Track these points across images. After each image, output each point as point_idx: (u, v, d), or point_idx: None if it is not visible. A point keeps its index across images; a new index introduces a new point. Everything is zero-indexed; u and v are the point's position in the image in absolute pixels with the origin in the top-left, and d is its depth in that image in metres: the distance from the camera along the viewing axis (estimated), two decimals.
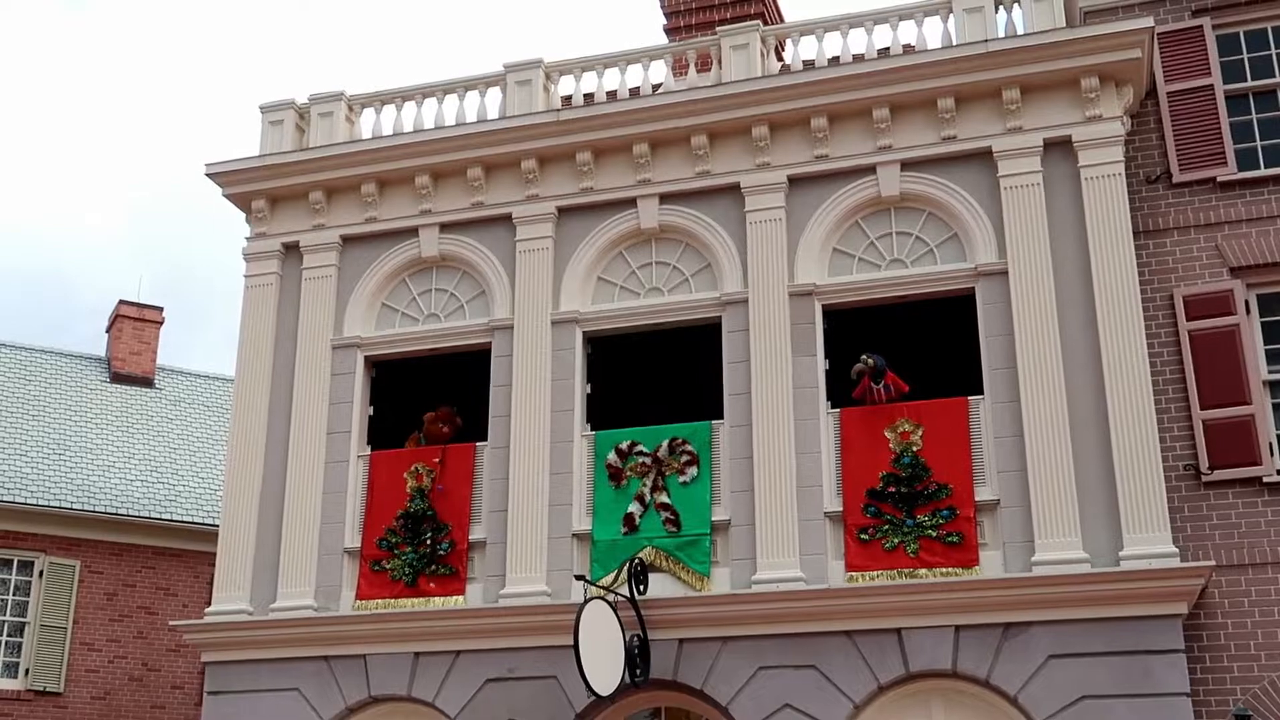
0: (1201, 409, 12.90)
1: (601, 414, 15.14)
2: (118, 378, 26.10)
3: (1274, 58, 14.02)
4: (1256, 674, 12.11)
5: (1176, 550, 12.17)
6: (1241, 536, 12.52)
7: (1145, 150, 13.95)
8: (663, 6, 19.55)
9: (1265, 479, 12.56)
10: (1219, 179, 13.55)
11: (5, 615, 21.14)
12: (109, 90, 63.98)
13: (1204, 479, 12.72)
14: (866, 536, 13.02)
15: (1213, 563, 12.07)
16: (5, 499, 21.10)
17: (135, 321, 26.80)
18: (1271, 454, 12.69)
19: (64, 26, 63.41)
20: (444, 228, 15.44)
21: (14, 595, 21.30)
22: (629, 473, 13.98)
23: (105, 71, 64.47)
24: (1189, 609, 12.10)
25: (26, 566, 21.46)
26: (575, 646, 12.07)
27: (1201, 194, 13.62)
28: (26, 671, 20.99)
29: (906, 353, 15.47)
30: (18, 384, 24.50)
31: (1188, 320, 13.18)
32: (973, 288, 13.59)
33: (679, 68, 16.60)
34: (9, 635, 21.14)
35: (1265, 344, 13.18)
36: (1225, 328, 13.08)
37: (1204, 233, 13.47)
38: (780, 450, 13.45)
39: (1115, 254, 13.12)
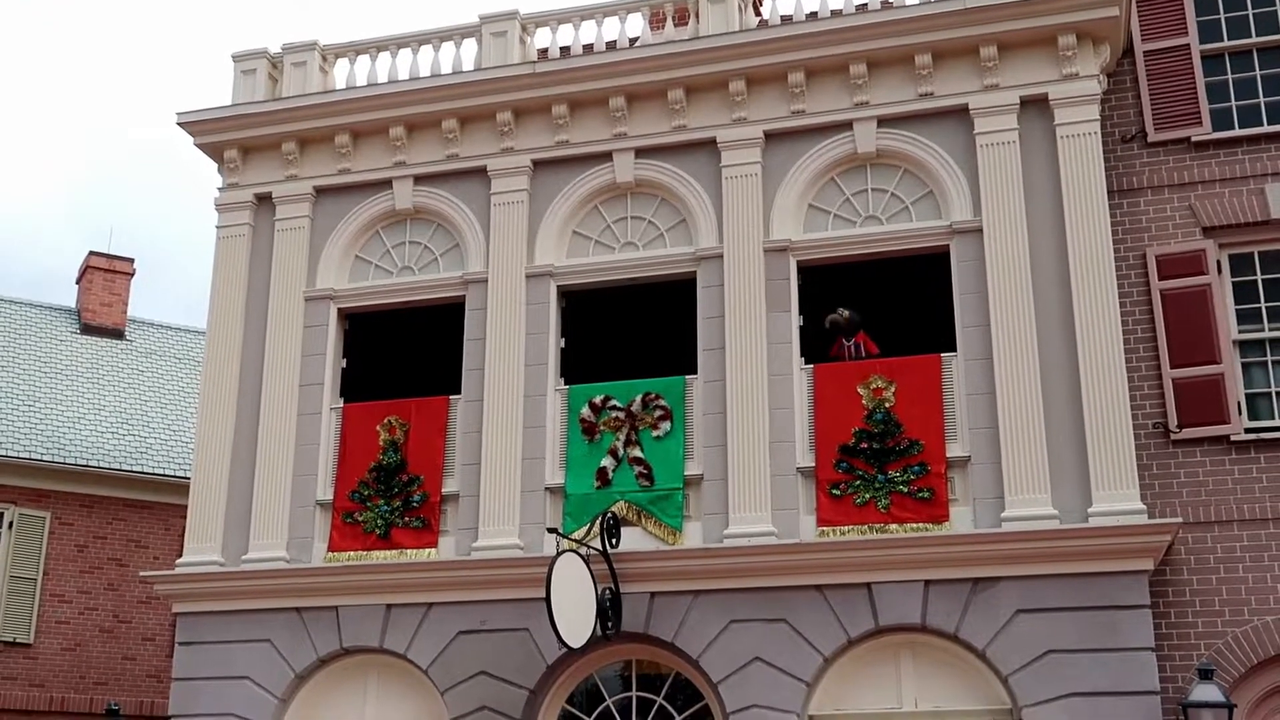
0: (1172, 368, 12.99)
1: (575, 368, 15.12)
2: (88, 329, 25.89)
3: (1250, 18, 14.03)
4: (1220, 629, 12.26)
5: (1144, 507, 12.28)
6: (1208, 494, 12.65)
7: (1121, 109, 13.96)
8: None
9: (1233, 437, 12.67)
10: (1193, 139, 13.58)
11: None
12: (62, 46, 63.01)
13: (1173, 437, 12.83)
14: (838, 492, 13.08)
15: (1180, 520, 12.17)
16: None
17: (106, 273, 26.53)
18: (1240, 413, 12.80)
19: None
20: (418, 180, 15.35)
21: None
22: (602, 427, 13.99)
23: (62, 26, 63.51)
24: (1155, 565, 12.23)
25: None
26: (547, 599, 12.10)
27: (1176, 153, 13.65)
28: None
29: (881, 309, 15.52)
30: None
31: (1160, 279, 13.25)
32: (948, 245, 13.60)
33: (656, 21, 16.48)
34: None
35: (1236, 304, 13.24)
36: (1197, 287, 13.15)
37: (1177, 192, 13.52)
38: (753, 406, 13.48)
39: (1089, 212, 13.15)
